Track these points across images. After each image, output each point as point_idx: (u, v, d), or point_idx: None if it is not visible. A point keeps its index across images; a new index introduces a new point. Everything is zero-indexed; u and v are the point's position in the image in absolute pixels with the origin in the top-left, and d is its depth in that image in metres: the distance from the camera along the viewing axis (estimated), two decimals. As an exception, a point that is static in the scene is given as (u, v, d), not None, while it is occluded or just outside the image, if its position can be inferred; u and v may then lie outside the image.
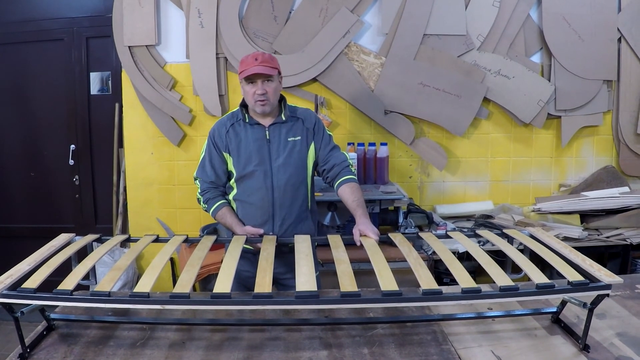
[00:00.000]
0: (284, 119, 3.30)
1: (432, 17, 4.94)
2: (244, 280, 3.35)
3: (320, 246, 3.26)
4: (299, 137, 3.31)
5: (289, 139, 3.29)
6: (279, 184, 3.27)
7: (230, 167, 3.33)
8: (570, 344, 2.49)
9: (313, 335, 2.59)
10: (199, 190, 3.41)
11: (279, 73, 3.26)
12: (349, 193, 3.24)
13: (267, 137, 3.28)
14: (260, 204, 3.29)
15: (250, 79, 3.14)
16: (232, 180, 3.38)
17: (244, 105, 3.33)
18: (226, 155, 3.31)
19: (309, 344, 2.51)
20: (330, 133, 3.47)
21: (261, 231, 3.11)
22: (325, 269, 3.58)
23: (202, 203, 3.39)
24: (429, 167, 5.33)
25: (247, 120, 3.30)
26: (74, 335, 2.58)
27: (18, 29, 5.48)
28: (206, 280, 4.32)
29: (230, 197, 3.41)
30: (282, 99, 3.34)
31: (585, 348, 2.42)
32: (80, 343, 2.51)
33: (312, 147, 3.36)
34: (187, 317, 2.73)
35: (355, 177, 3.36)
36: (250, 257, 3.23)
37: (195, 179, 3.43)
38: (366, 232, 2.93)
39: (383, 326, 2.67)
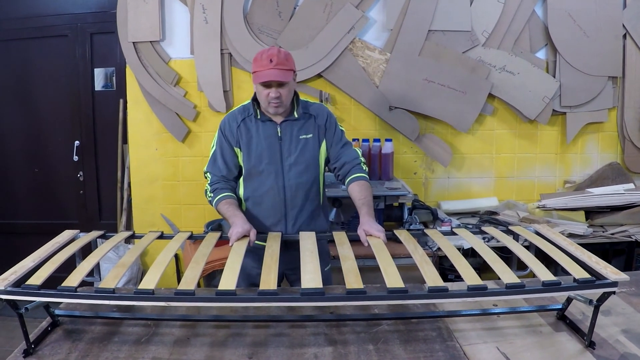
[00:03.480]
0: (296, 116, 3.23)
1: (437, 13, 4.93)
2: (254, 278, 3.25)
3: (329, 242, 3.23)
4: (310, 135, 3.25)
5: (300, 137, 3.23)
6: (290, 183, 3.22)
7: (240, 162, 3.28)
8: (576, 341, 2.50)
9: (318, 332, 2.59)
10: (209, 183, 3.29)
11: (294, 72, 3.16)
12: (357, 191, 3.19)
13: (279, 135, 3.22)
14: (272, 204, 3.25)
15: (264, 84, 3.07)
16: (241, 178, 3.32)
17: (255, 100, 3.24)
18: (237, 149, 3.25)
19: (314, 340, 2.51)
20: (343, 129, 3.40)
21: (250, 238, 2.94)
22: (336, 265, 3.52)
23: (208, 193, 3.27)
24: (433, 164, 5.32)
25: (258, 117, 3.23)
26: (78, 331, 2.59)
27: (22, 25, 5.49)
28: (210, 276, 4.32)
29: (240, 195, 3.34)
30: (295, 95, 3.26)
31: (590, 345, 2.42)
32: (84, 339, 2.52)
33: (323, 144, 3.31)
34: (192, 314, 2.73)
35: (366, 175, 3.28)
36: (261, 253, 3.21)
37: (206, 173, 3.33)
38: (371, 231, 2.90)
39: (388, 322, 2.67)
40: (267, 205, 3.27)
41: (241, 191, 3.34)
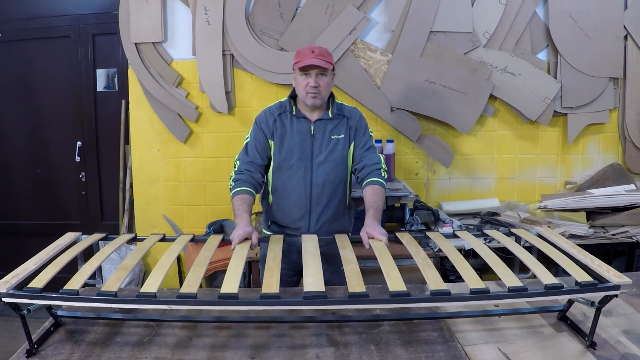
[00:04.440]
0: (330, 115, 3.32)
1: (439, 14, 4.94)
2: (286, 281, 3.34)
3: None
4: (342, 135, 3.34)
5: (332, 137, 3.32)
6: (317, 180, 3.30)
7: (271, 154, 3.35)
8: (577, 342, 2.51)
9: (319, 332, 2.60)
10: (235, 170, 3.34)
11: (333, 69, 3.28)
12: (369, 194, 3.22)
13: (312, 132, 3.30)
14: (297, 199, 3.33)
15: (305, 70, 3.16)
16: (270, 171, 3.40)
17: (292, 97, 3.35)
18: (271, 142, 3.33)
19: (316, 341, 2.52)
20: (372, 133, 3.47)
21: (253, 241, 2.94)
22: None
23: (230, 181, 3.31)
24: (435, 164, 5.32)
25: (294, 113, 3.32)
26: (80, 332, 2.60)
27: (24, 26, 5.50)
28: (212, 276, 4.33)
29: (268, 188, 3.43)
30: (330, 96, 3.34)
31: (591, 345, 2.43)
32: (87, 339, 2.53)
33: (352, 145, 3.38)
34: (194, 315, 2.73)
35: (382, 181, 3.31)
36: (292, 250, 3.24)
37: (236, 161, 3.39)
38: (373, 234, 2.91)
39: (390, 323, 2.67)
40: (293, 199, 3.35)
41: (269, 184, 3.42)
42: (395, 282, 2.30)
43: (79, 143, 5.64)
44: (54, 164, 5.77)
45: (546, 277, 2.34)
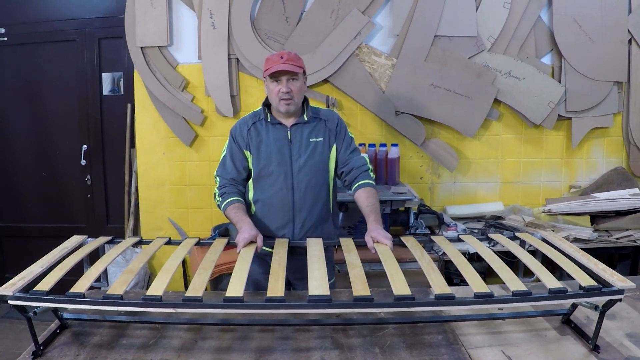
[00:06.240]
0: (306, 119, 3.27)
1: (443, 19, 4.94)
2: (261, 284, 3.27)
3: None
4: (321, 139, 3.27)
5: (310, 140, 3.26)
6: (299, 185, 3.24)
7: (250, 165, 3.31)
8: (581, 345, 2.51)
9: (324, 335, 2.61)
10: (217, 186, 3.31)
11: (304, 73, 3.24)
12: (364, 198, 3.19)
13: (289, 138, 3.24)
14: (281, 205, 3.26)
15: (275, 76, 3.12)
16: (250, 180, 3.35)
17: (266, 105, 3.31)
18: (247, 152, 3.28)
19: (320, 344, 2.53)
20: (352, 135, 3.42)
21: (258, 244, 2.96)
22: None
23: (217, 197, 3.29)
24: (439, 168, 5.33)
25: (269, 120, 3.27)
26: (86, 334, 2.62)
27: (30, 30, 5.52)
28: (217, 280, 4.33)
29: (250, 198, 3.36)
30: (305, 100, 3.30)
31: (595, 349, 2.43)
32: (92, 342, 2.55)
33: (333, 148, 3.32)
34: (199, 317, 2.74)
35: (372, 182, 3.29)
36: (267, 259, 3.21)
37: (216, 177, 3.36)
38: (378, 238, 2.90)
39: (394, 326, 2.68)
40: (275, 207, 3.28)
41: (250, 194, 3.36)
42: (399, 285, 2.30)
43: (84, 146, 5.66)
44: (59, 167, 5.80)
45: (550, 281, 2.34)
